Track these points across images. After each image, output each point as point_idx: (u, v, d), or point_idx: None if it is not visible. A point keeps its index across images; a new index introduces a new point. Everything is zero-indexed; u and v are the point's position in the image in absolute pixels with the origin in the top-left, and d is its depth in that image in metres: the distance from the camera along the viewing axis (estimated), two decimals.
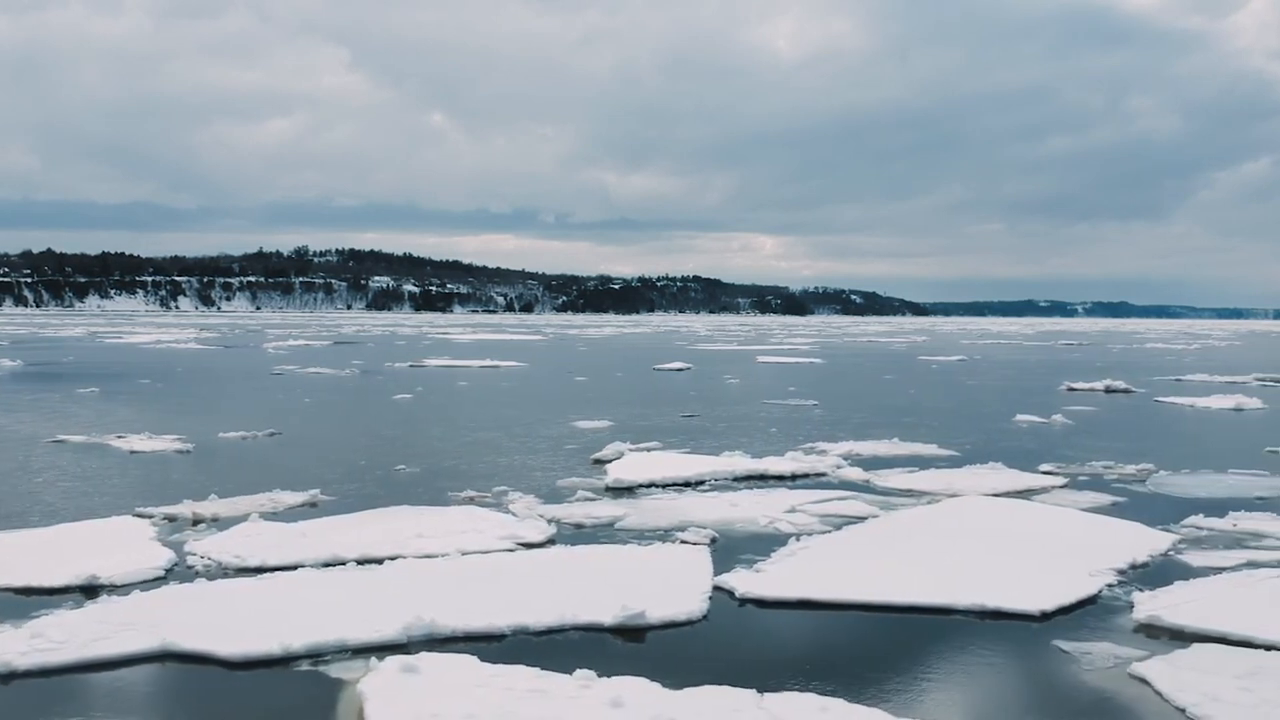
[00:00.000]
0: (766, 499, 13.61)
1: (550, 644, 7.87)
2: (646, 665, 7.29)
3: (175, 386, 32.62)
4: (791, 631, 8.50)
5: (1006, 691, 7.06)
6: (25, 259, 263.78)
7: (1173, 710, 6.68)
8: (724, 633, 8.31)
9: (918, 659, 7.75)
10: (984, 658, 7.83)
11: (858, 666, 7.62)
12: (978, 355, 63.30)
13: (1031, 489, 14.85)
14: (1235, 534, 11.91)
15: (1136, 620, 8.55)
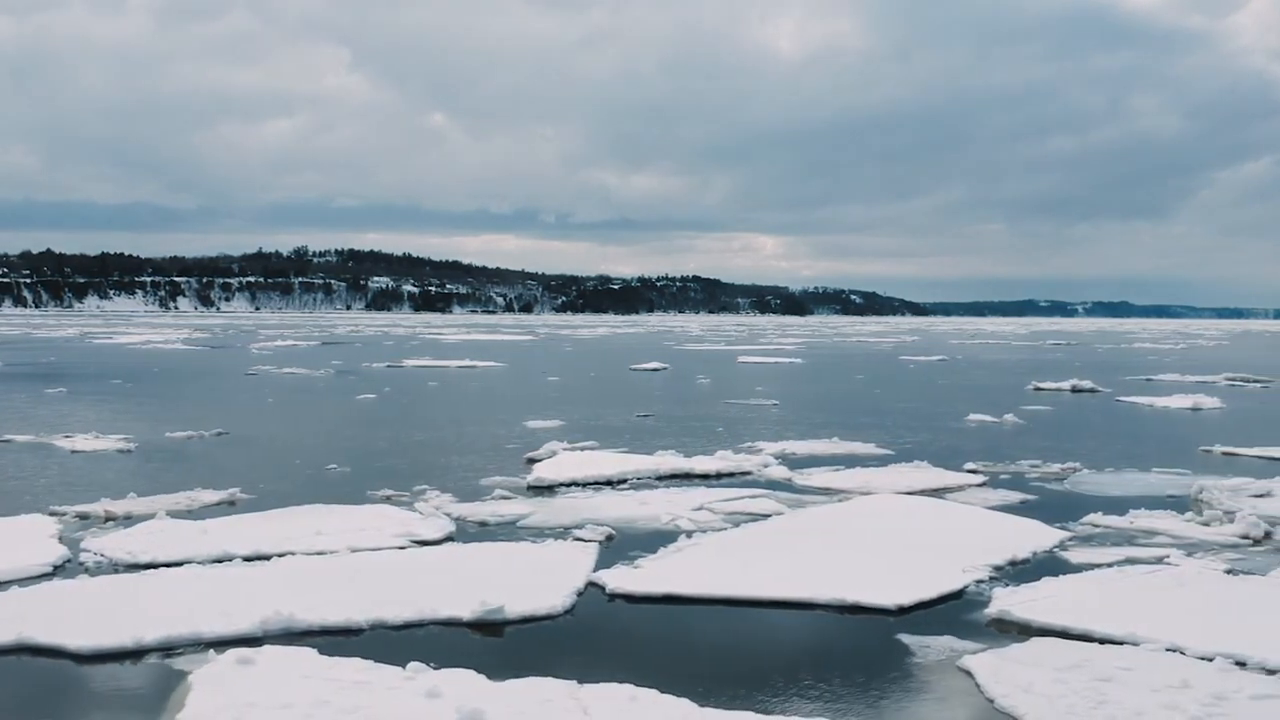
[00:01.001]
0: (679, 497, 13.81)
1: (405, 638, 8.08)
2: (493, 658, 7.51)
3: (144, 387, 32.85)
4: (648, 625, 8.71)
5: (830, 682, 7.25)
6: (25, 260, 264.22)
7: (982, 701, 6.87)
8: (580, 627, 8.52)
9: (755, 651, 7.98)
10: (821, 650, 8.05)
11: (697, 659, 7.84)
12: (960, 356, 63.45)
13: (948, 487, 15.04)
14: (1128, 531, 12.11)
15: (988, 615, 8.74)
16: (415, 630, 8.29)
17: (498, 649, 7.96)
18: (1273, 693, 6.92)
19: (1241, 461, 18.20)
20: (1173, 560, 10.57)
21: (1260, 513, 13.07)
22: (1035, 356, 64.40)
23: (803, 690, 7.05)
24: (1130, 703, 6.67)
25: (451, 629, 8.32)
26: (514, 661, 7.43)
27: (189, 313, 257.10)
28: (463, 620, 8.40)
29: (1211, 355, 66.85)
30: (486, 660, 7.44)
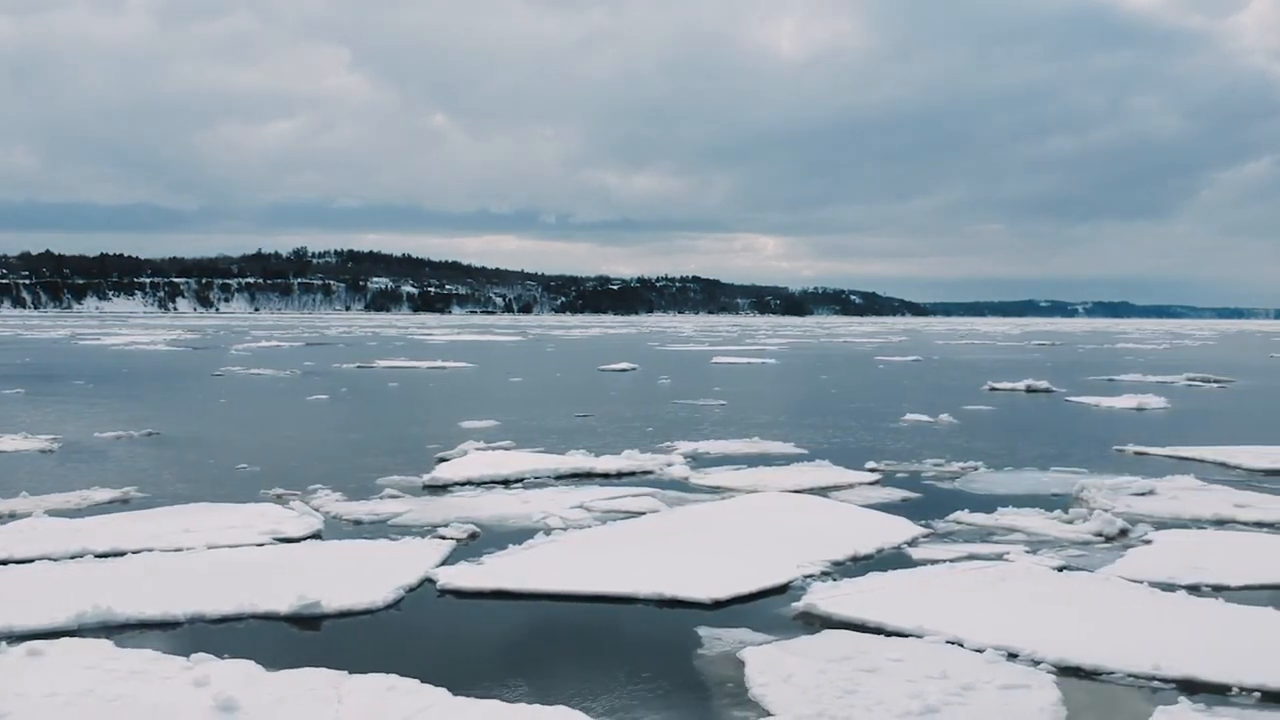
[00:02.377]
0: (563, 496, 14.06)
1: (213, 631, 8.33)
2: (288, 651, 7.77)
3: (104, 389, 33.12)
4: (460, 620, 8.98)
5: (601, 672, 7.50)
6: (24, 261, 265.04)
7: (739, 690, 7.11)
8: (395, 621, 8.77)
9: (550, 644, 8.26)
10: (613, 643, 8.33)
11: (489, 652, 8.13)
12: (936, 356, 63.62)
13: (838, 485, 15.29)
14: (987, 528, 12.34)
15: (795, 609, 8.99)
16: (233, 624, 8.55)
17: (301, 642, 8.21)
18: (1022, 683, 7.16)
19: (1149, 461, 18.42)
20: (1010, 557, 10.81)
21: (1130, 511, 13.38)
22: (1013, 356, 64.58)
23: (568, 680, 7.30)
24: (877, 692, 6.92)
25: (268, 622, 8.58)
26: (309, 654, 7.67)
27: (188, 314, 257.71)
28: (280, 614, 8.66)
29: (1189, 355, 67.01)
30: (282, 652, 7.70)
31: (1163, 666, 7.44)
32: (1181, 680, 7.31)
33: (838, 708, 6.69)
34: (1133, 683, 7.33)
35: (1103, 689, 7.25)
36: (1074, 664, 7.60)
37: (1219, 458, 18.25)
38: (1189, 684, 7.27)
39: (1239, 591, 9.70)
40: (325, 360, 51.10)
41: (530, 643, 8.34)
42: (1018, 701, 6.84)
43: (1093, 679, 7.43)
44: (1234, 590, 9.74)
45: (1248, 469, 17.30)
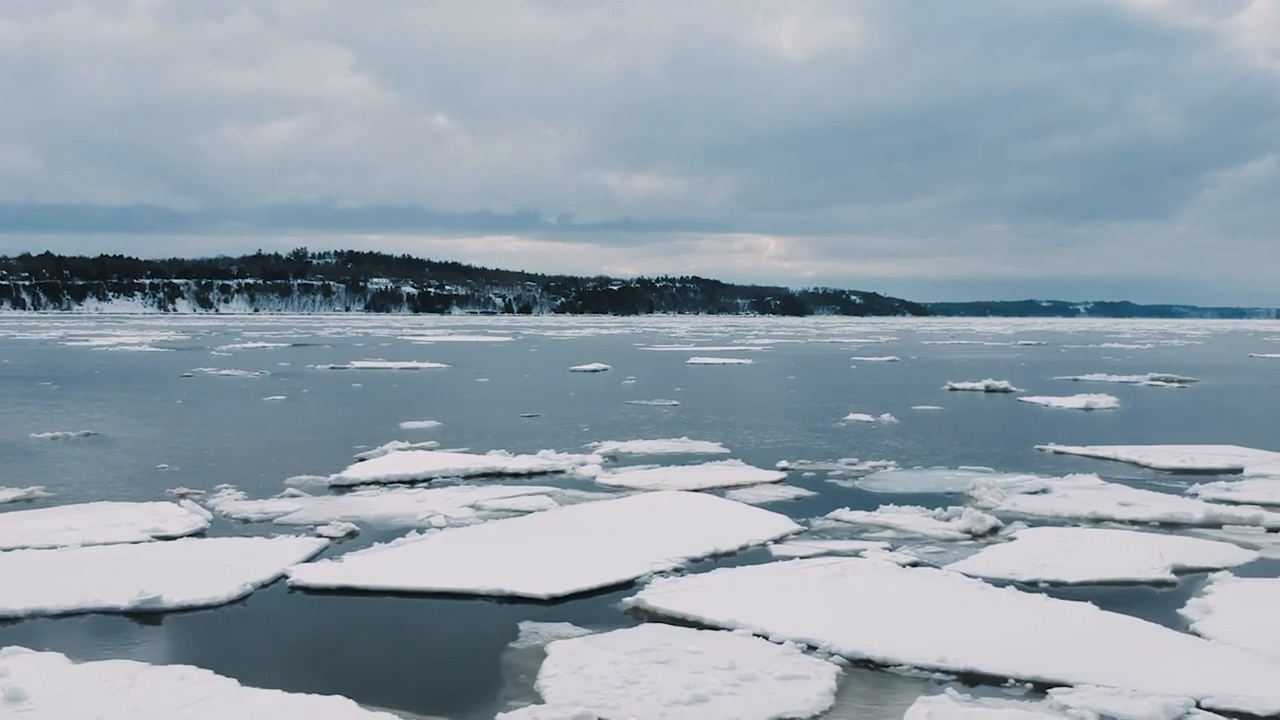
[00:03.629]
0: (460, 495, 14.31)
1: (52, 626, 8.59)
2: (110, 644, 8.02)
3: (68, 389, 33.39)
4: (297, 615, 9.24)
5: (413, 664, 7.77)
6: (24, 262, 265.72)
7: (530, 681, 7.34)
8: (232, 616, 9.02)
9: (375, 639, 8.51)
10: (428, 637, 8.61)
11: (308, 646, 8.37)
12: (914, 356, 63.78)
13: (740, 484, 15.54)
14: (861, 525, 12.57)
15: (626, 605, 9.24)
16: (74, 618, 8.80)
17: (128, 636, 8.45)
18: (803, 674, 7.40)
19: (1064, 460, 18.64)
20: (865, 553, 11.03)
21: (1013, 509, 13.66)
22: (993, 356, 64.74)
23: (367, 672, 7.57)
24: (657, 682, 7.16)
25: (105, 617, 8.83)
26: (128, 647, 7.94)
27: (187, 314, 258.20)
28: (120, 610, 8.91)
29: (1168, 355, 67.17)
30: (100, 646, 7.98)
31: (948, 658, 7.68)
32: (963, 671, 7.55)
33: (612, 697, 6.93)
34: (914, 674, 7.57)
35: (881, 679, 7.49)
36: (865, 656, 7.84)
37: (1133, 456, 18.47)
38: (969, 675, 7.51)
39: (1072, 587, 9.93)
40: (303, 361, 51.38)
41: (352, 637, 8.61)
42: (788, 691, 7.08)
43: (878, 670, 7.67)
44: (1068, 586, 9.98)
45: (1156, 468, 17.53)
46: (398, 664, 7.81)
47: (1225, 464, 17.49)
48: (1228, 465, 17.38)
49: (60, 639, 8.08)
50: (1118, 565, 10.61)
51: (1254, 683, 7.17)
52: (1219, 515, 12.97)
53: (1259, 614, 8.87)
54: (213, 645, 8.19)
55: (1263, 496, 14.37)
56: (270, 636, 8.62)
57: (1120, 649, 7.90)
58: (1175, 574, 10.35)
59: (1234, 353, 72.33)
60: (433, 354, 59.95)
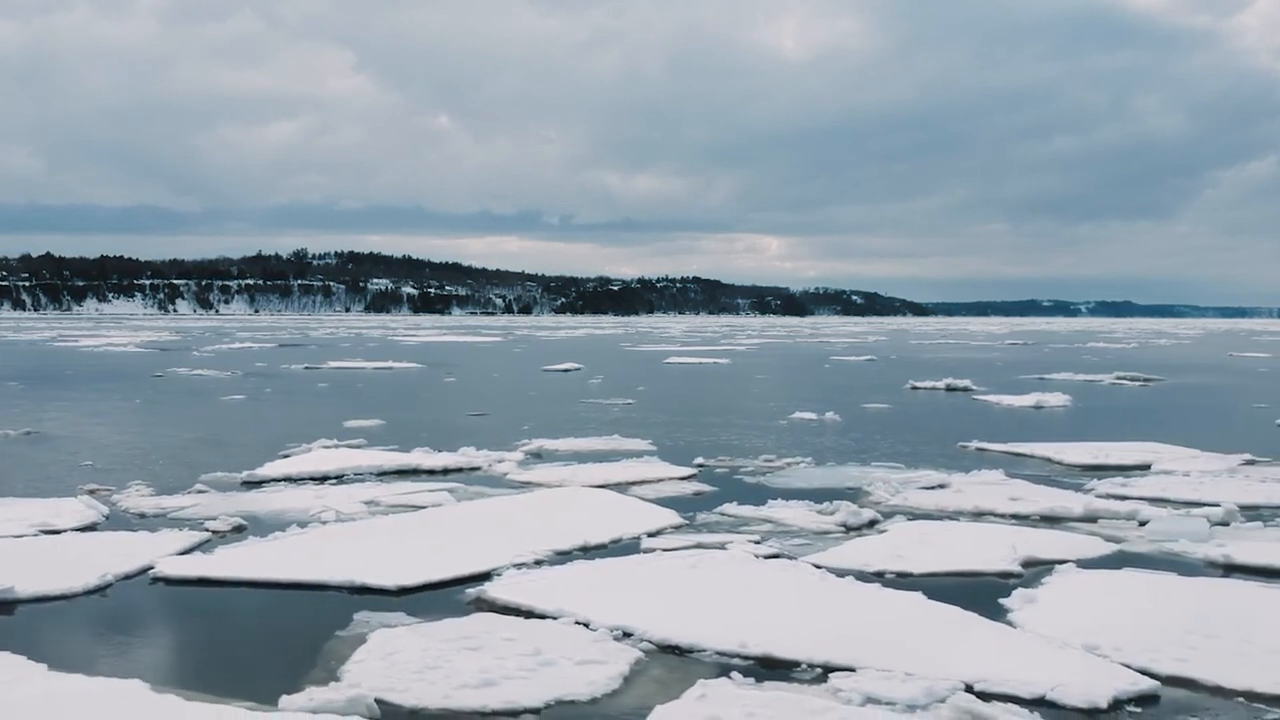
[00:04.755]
0: (364, 491, 14.59)
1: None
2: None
3: (33, 389, 33.71)
4: (146, 605, 9.49)
5: (236, 651, 8.04)
6: (24, 263, 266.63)
7: (339, 665, 7.60)
8: (83, 606, 9.29)
9: (213, 627, 8.78)
10: (273, 626, 8.86)
11: (152, 632, 8.64)
12: (894, 355, 63.96)
13: (646, 479, 15.79)
14: (744, 519, 12.82)
15: (470, 595, 9.50)
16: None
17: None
18: (602, 659, 7.66)
19: (983, 456, 18.86)
20: (730, 545, 11.26)
21: (900, 504, 13.91)
22: (973, 355, 64.91)
23: (189, 658, 7.84)
24: (456, 667, 7.43)
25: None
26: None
27: (187, 315, 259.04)
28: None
29: (1148, 355, 67.34)
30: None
31: (749, 644, 7.94)
32: (759, 656, 7.81)
33: (404, 680, 7.20)
34: (714, 658, 7.83)
35: (678, 664, 7.75)
36: (673, 642, 8.10)
37: (1050, 453, 18.70)
38: (765, 659, 7.77)
39: (916, 578, 10.20)
40: (282, 362, 51.65)
41: (186, 626, 8.88)
42: (579, 674, 7.35)
43: (681, 655, 7.93)
44: (913, 576, 10.24)
45: (1067, 464, 17.77)
46: (217, 651, 8.09)
47: (1136, 460, 17.71)
48: (1138, 462, 17.60)
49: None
50: (970, 557, 10.85)
51: (1033, 668, 7.41)
52: (1098, 510, 13.21)
53: (1078, 604, 9.11)
54: (46, 633, 8.46)
55: (1154, 492, 14.60)
56: (109, 626, 8.87)
57: (923, 636, 8.14)
58: (1023, 566, 10.58)
59: (1216, 352, 72.44)
60: (414, 354, 60.24)
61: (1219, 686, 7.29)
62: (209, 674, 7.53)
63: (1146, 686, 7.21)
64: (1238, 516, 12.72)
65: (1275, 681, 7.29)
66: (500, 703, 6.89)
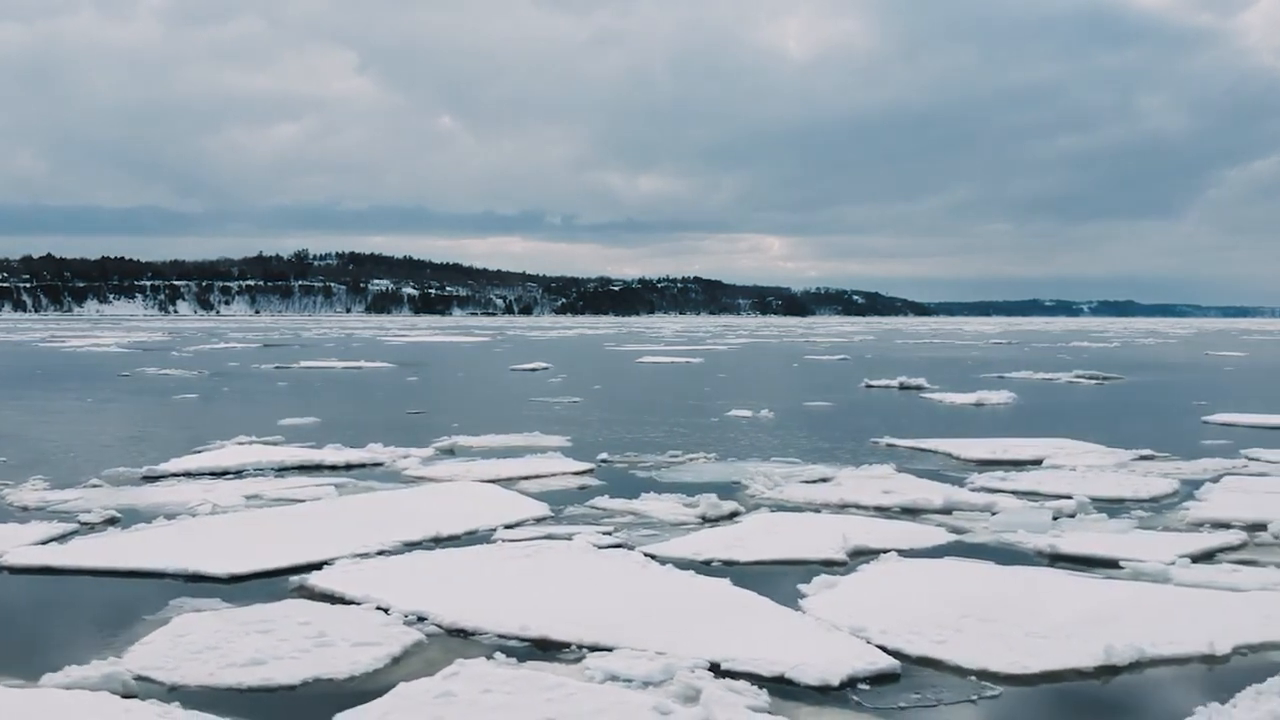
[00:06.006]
0: (253, 485, 14.92)
1: None
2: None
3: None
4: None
5: (41, 633, 8.37)
6: (25, 264, 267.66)
7: (128, 645, 7.92)
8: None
9: (35, 612, 9.11)
10: (89, 611, 9.19)
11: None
12: (870, 355, 64.19)
13: (540, 474, 16.15)
14: (610, 512, 13.12)
15: (294, 583, 9.82)
16: None
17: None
18: (377, 640, 7.99)
19: (888, 452, 19.20)
20: (577, 536, 11.57)
21: (773, 497, 14.23)
22: (950, 354, 65.14)
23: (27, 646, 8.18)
24: (235, 647, 7.76)
25: None
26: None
27: (188, 316, 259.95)
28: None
29: (1125, 354, 67.57)
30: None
31: (530, 627, 8.27)
32: (536, 638, 8.14)
33: (176, 660, 7.54)
34: (492, 640, 8.16)
35: (455, 645, 8.08)
36: (461, 626, 8.43)
37: (954, 449, 18.98)
38: (541, 641, 8.11)
39: (741, 566, 10.52)
40: (257, 361, 52.04)
41: (18, 612, 9.20)
42: (349, 654, 7.68)
43: (463, 637, 8.27)
44: (739, 565, 10.56)
45: (964, 459, 18.07)
46: (10, 633, 8.41)
47: (1032, 455, 18.02)
48: (1033, 457, 17.90)
49: None
50: (802, 547, 11.13)
51: (787, 649, 7.72)
52: (957, 502, 13.50)
53: (873, 590, 9.43)
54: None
55: (1028, 486, 14.91)
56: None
57: (698, 619, 8.46)
58: (848, 555, 10.88)
59: (1194, 351, 72.64)
60: (393, 354, 60.61)
61: (959, 666, 7.59)
62: (8, 655, 7.85)
63: (886, 666, 7.51)
64: (1088, 509, 12.99)
65: (1013, 662, 7.60)
66: (257, 680, 7.22)
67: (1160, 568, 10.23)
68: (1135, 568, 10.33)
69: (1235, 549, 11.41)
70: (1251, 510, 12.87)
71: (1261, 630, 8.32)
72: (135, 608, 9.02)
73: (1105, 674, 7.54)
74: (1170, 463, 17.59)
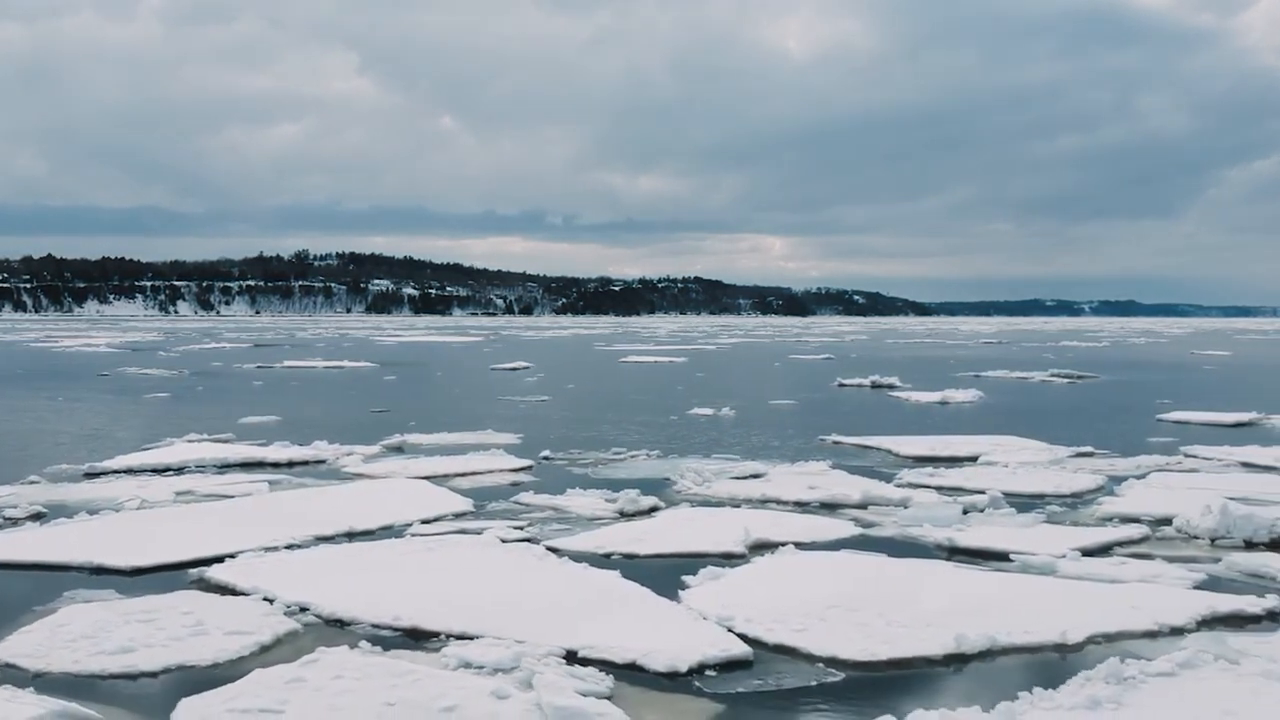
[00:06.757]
0: (188, 482, 15.12)
1: None
2: None
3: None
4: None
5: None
6: (25, 264, 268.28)
7: (13, 632, 8.13)
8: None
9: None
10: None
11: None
12: (854, 354, 64.33)
13: (476, 471, 16.39)
14: (533, 507, 13.34)
15: (193, 575, 10.03)
16: None
17: None
18: (249, 629, 8.18)
19: (834, 449, 19.44)
20: (487, 531, 11.76)
21: (700, 492, 14.41)
22: (934, 354, 65.29)
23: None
24: (110, 636, 7.95)
25: None
26: None
27: (188, 316, 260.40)
28: None
29: (1110, 353, 67.69)
30: None
31: (402, 617, 8.48)
32: (407, 628, 8.35)
33: (48, 648, 7.74)
34: (366, 629, 8.36)
35: (328, 634, 8.28)
36: (339, 616, 8.63)
37: (894, 446, 19.17)
38: (412, 630, 8.31)
39: (641, 559, 10.73)
40: (241, 361, 52.24)
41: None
42: (219, 642, 7.88)
43: (339, 627, 8.48)
44: (639, 558, 10.79)
45: (903, 455, 18.27)
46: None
47: (969, 452, 18.20)
48: (970, 453, 18.09)
49: None
50: (704, 540, 11.30)
51: (646, 637, 7.91)
52: (874, 497, 13.69)
53: (755, 582, 9.63)
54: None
55: (952, 482, 15.10)
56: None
57: (571, 609, 8.65)
58: (747, 548, 11.07)
59: (1180, 350, 72.74)
60: (380, 354, 60.83)
61: (810, 654, 7.79)
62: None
63: (738, 653, 7.70)
64: (1001, 504, 13.17)
65: (864, 649, 7.80)
66: (120, 667, 7.42)
67: (1048, 560, 10.40)
68: (1024, 560, 10.51)
69: (1134, 543, 11.58)
70: (1165, 506, 13.03)
71: (1121, 620, 8.50)
72: (29, 599, 9.21)
73: (953, 661, 7.73)
74: (1105, 460, 17.76)
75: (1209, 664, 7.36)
